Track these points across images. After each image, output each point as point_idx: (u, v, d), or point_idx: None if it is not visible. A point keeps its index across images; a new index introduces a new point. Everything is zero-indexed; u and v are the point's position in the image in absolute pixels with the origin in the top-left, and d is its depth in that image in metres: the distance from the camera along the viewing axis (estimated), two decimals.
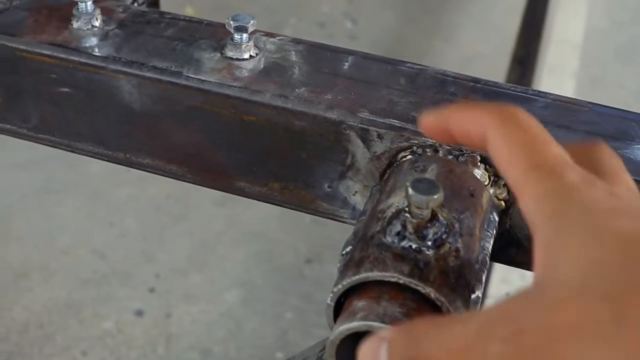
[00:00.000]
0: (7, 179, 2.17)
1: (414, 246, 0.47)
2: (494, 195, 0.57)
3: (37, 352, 1.76)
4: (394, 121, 0.59)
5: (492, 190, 0.57)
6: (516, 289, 1.90)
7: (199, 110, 0.63)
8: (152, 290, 1.90)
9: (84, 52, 0.65)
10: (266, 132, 0.62)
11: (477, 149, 0.42)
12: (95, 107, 0.66)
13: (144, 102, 0.64)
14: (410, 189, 0.46)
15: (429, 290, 0.45)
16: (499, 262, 0.60)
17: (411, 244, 0.47)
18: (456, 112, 0.43)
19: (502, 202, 0.57)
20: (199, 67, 0.63)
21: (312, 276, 1.95)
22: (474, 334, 0.35)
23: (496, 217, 0.56)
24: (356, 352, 0.47)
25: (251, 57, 0.64)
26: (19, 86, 0.67)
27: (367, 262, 0.47)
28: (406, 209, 0.48)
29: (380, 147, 0.59)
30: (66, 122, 0.68)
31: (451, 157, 0.57)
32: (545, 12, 2.55)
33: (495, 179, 0.57)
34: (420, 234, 0.47)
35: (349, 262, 0.48)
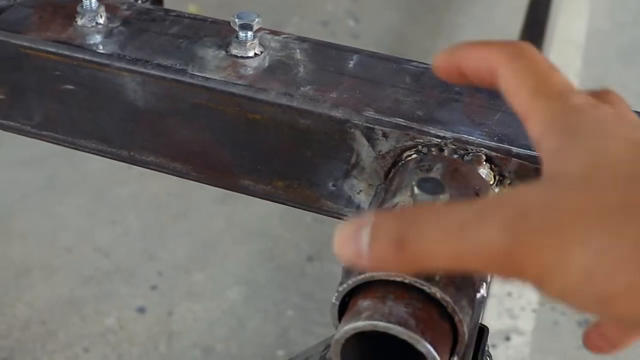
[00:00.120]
0: (9, 177, 2.17)
1: None
2: None
3: (40, 348, 1.76)
4: (400, 120, 0.58)
5: (497, 189, 0.57)
6: (517, 287, 1.90)
7: (204, 108, 0.63)
8: (154, 287, 1.90)
9: (89, 50, 0.65)
10: (271, 131, 0.61)
11: (486, 85, 0.43)
12: (99, 104, 0.66)
13: (148, 100, 0.64)
14: (416, 188, 0.46)
15: (435, 290, 0.45)
16: None
17: None
18: (467, 49, 0.45)
19: None
20: (203, 65, 0.63)
21: (314, 274, 1.95)
22: (472, 215, 0.35)
23: None
24: (361, 352, 0.47)
25: (256, 55, 0.64)
26: (23, 83, 0.67)
27: None
28: None
29: (385, 145, 0.59)
30: (70, 119, 0.68)
31: (456, 156, 0.57)
32: (547, 13, 2.55)
33: (500, 179, 0.57)
34: None
35: None
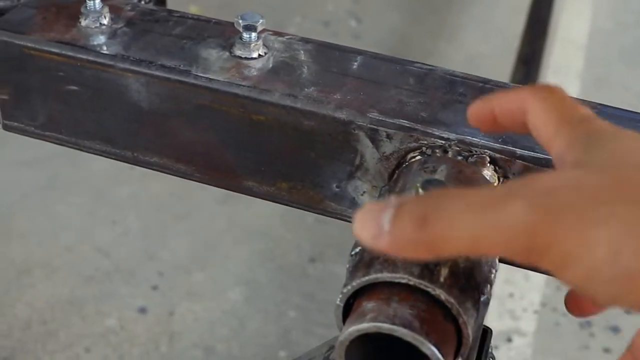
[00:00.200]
0: (10, 176, 2.17)
1: None
2: None
3: (40, 348, 1.76)
4: (403, 121, 0.58)
5: None
6: (520, 289, 1.90)
7: (208, 109, 0.63)
8: (155, 287, 1.90)
9: (92, 50, 0.65)
10: (275, 132, 0.61)
11: (518, 127, 0.46)
12: (103, 105, 0.66)
13: (152, 101, 0.64)
14: (420, 190, 0.46)
15: (439, 292, 0.45)
16: (504, 263, 0.60)
17: None
18: (501, 94, 0.47)
19: None
20: (207, 66, 0.63)
21: (315, 275, 1.95)
22: (497, 195, 0.37)
23: None
24: (365, 354, 0.47)
25: (260, 56, 0.64)
26: (27, 84, 0.67)
27: (377, 263, 0.46)
28: None
29: (389, 147, 0.59)
30: (74, 120, 0.68)
31: (460, 157, 0.57)
32: (550, 12, 2.55)
33: (504, 180, 0.57)
34: None
35: (358, 262, 0.48)
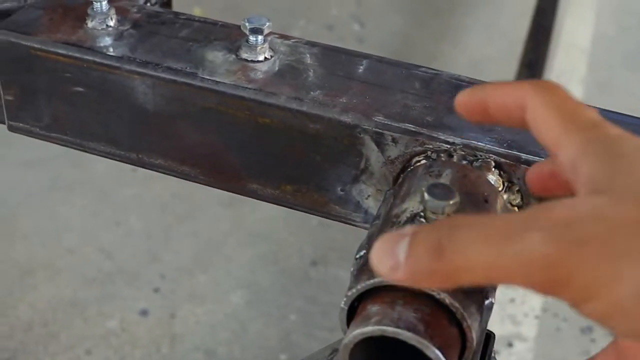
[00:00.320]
0: (14, 177, 2.17)
1: None
2: (507, 201, 0.57)
3: (42, 350, 1.76)
4: (409, 125, 0.58)
5: (506, 196, 0.57)
6: (521, 294, 1.90)
7: (214, 111, 0.63)
8: (157, 290, 1.90)
9: (99, 52, 0.65)
10: (280, 135, 0.62)
11: (512, 122, 0.43)
12: (108, 107, 0.66)
13: (158, 103, 0.64)
14: (426, 194, 0.46)
15: (444, 295, 0.45)
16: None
17: None
18: (494, 86, 0.44)
19: (516, 208, 0.57)
20: (213, 69, 0.63)
21: (317, 278, 1.94)
22: (515, 225, 0.35)
23: None
24: (369, 357, 0.47)
25: (266, 59, 0.64)
26: (33, 85, 0.67)
27: None
28: (421, 214, 0.48)
29: (394, 151, 0.59)
30: (79, 121, 0.68)
31: (465, 162, 0.57)
32: (553, 17, 2.55)
33: (509, 185, 0.57)
34: None
35: (363, 266, 0.48)
